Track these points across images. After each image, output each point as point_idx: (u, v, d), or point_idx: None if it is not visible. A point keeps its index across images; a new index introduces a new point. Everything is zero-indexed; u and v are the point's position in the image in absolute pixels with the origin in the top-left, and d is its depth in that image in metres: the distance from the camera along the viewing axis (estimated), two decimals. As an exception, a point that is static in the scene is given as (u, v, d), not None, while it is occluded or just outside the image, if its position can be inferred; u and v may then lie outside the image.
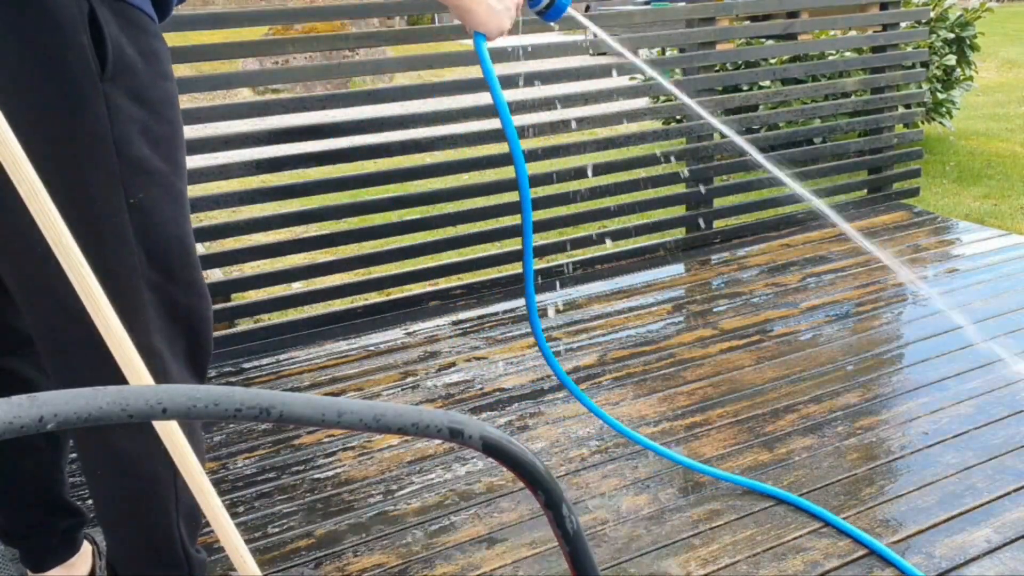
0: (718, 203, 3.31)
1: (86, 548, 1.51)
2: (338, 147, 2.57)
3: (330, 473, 1.90)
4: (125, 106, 1.09)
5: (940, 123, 5.50)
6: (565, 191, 3.00)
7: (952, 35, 5.38)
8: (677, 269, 3.07)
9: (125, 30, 1.08)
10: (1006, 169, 5.16)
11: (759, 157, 1.79)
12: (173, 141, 1.18)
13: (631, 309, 2.71)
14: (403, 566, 1.59)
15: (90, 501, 1.65)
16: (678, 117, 3.19)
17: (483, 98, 2.81)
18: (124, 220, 1.12)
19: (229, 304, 2.77)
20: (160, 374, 1.17)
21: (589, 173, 2.90)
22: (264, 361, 2.48)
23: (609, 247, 3.10)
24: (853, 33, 4.49)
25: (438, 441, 1.94)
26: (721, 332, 2.51)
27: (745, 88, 4.47)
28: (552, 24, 1.46)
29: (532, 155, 2.86)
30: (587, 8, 15.60)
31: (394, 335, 2.60)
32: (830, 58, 4.67)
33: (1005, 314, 2.52)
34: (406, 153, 2.72)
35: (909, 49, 3.77)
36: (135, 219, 1.12)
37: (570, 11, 1.46)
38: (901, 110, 3.68)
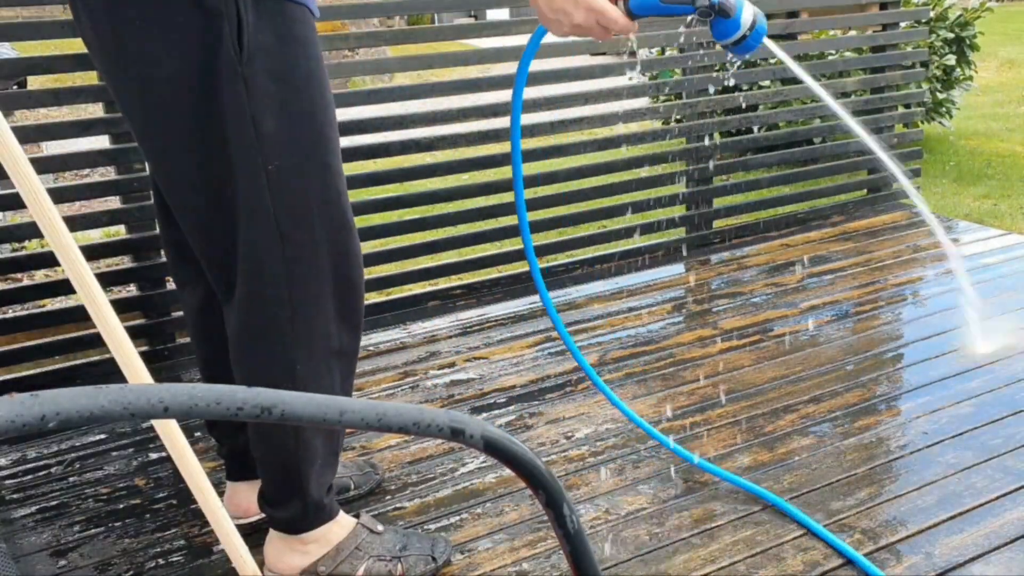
0: (718, 203, 3.31)
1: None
2: (338, 147, 2.56)
3: (330, 473, 1.90)
4: (263, 84, 1.23)
5: (940, 123, 5.51)
6: (565, 191, 3.00)
7: (952, 35, 5.38)
8: (677, 269, 3.07)
9: (264, 18, 1.22)
10: (1006, 169, 5.16)
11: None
12: (316, 116, 1.30)
13: (631, 309, 2.71)
14: (403, 566, 1.59)
15: None
16: (678, 117, 3.19)
17: (483, 98, 2.82)
18: (262, 184, 1.26)
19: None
20: (300, 320, 1.33)
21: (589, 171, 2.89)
22: (264, 361, 2.48)
23: (610, 247, 3.09)
24: (853, 33, 4.48)
25: (439, 441, 1.94)
26: (721, 332, 2.51)
27: (745, 88, 4.47)
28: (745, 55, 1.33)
29: (532, 155, 2.86)
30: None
31: (394, 335, 2.60)
32: (830, 58, 4.67)
33: (1005, 314, 2.52)
34: (405, 153, 2.72)
35: (909, 49, 3.77)
36: (272, 184, 1.27)
37: (765, 41, 1.30)
38: (901, 110, 3.68)
